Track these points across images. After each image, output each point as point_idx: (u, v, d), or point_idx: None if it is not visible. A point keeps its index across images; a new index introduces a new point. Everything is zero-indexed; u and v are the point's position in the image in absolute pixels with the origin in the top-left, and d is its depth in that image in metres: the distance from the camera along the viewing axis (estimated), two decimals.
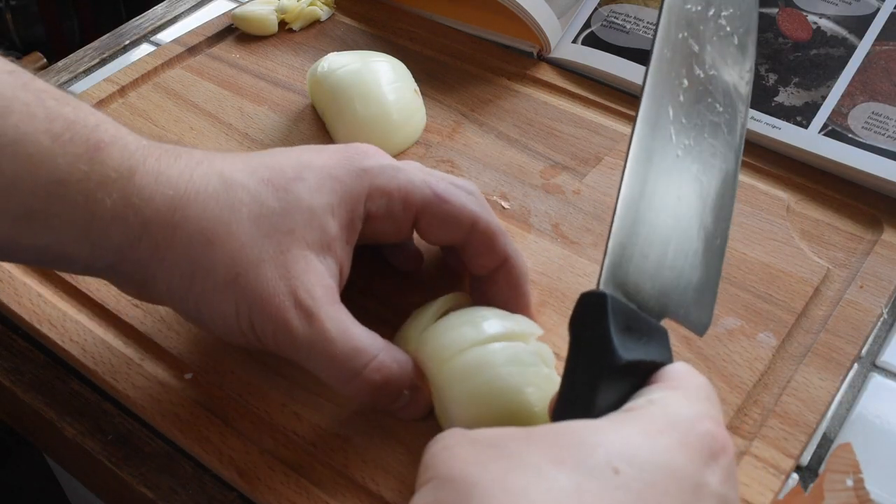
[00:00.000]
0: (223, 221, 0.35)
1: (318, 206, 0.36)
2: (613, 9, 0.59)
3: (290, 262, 0.35)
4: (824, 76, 0.53)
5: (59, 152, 0.33)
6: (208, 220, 0.35)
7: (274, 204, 0.35)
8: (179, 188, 0.35)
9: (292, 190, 0.36)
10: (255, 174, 0.36)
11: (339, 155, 0.38)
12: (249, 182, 0.36)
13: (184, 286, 0.35)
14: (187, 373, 0.40)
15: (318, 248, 0.36)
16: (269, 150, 0.39)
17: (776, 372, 0.40)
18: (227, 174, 0.36)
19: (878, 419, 0.40)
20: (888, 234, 0.47)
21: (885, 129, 0.50)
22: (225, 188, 0.35)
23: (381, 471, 0.36)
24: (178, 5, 0.67)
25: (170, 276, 0.35)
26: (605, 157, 0.52)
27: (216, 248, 0.35)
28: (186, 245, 0.35)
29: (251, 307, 0.34)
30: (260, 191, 0.36)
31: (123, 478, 0.38)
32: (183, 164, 0.36)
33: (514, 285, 0.40)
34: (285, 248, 0.35)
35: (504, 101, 0.56)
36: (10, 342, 0.43)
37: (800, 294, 0.44)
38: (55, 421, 0.40)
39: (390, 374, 0.35)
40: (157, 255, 0.35)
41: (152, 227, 0.35)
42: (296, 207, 0.36)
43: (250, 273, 0.34)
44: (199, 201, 0.35)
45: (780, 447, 0.37)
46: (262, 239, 0.35)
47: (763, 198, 0.49)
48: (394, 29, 0.63)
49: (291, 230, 0.35)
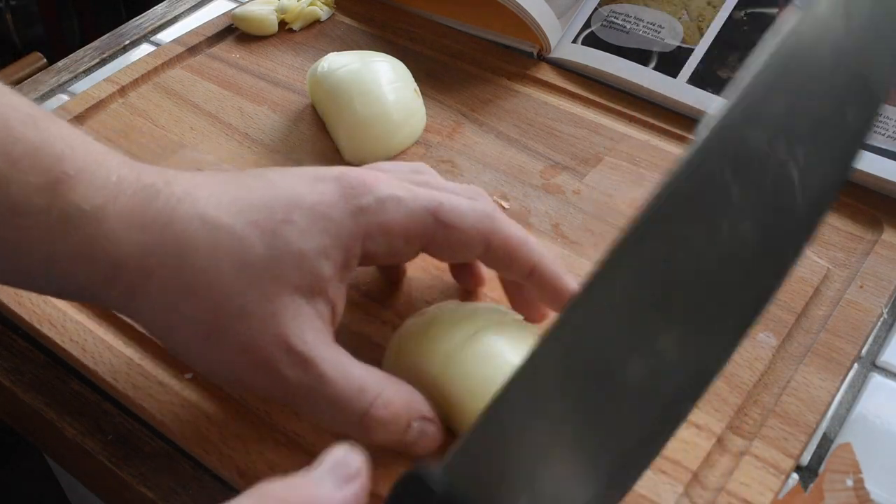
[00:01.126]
0: (204, 270, 0.32)
1: (309, 249, 0.33)
2: (613, 9, 0.59)
3: (278, 310, 0.33)
4: None
5: (14, 180, 0.31)
6: (188, 269, 0.32)
7: (261, 250, 0.33)
8: (154, 232, 0.32)
9: (281, 234, 0.33)
10: (242, 215, 0.33)
11: (335, 190, 0.35)
12: (235, 225, 0.33)
13: (165, 334, 0.34)
14: (187, 373, 0.40)
15: (307, 293, 0.33)
16: (259, 177, 0.36)
17: (776, 372, 0.40)
18: (211, 216, 0.33)
19: (878, 419, 0.40)
20: (888, 234, 0.47)
21: (885, 129, 0.50)
22: (207, 233, 0.33)
23: (382, 471, 0.36)
24: (178, 5, 0.67)
25: (150, 321, 0.34)
26: (605, 157, 0.52)
27: (198, 300, 0.32)
28: (164, 294, 0.33)
29: (238, 360, 0.33)
30: (246, 235, 0.33)
31: (123, 478, 0.38)
32: (161, 204, 0.33)
33: (550, 290, 0.38)
34: (272, 296, 0.33)
35: (504, 101, 0.56)
36: (10, 342, 0.43)
37: (800, 294, 0.44)
38: (55, 421, 0.40)
39: (398, 410, 0.34)
40: (133, 301, 0.33)
41: (124, 272, 0.32)
42: (284, 252, 0.33)
43: (235, 326, 0.32)
44: (178, 248, 0.32)
45: (780, 447, 0.37)
46: (247, 288, 0.32)
47: None
48: (394, 29, 0.63)
49: (279, 276, 0.33)
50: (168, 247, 0.32)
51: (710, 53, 0.56)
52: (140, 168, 0.34)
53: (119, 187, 0.33)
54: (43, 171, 0.31)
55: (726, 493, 0.35)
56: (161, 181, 0.34)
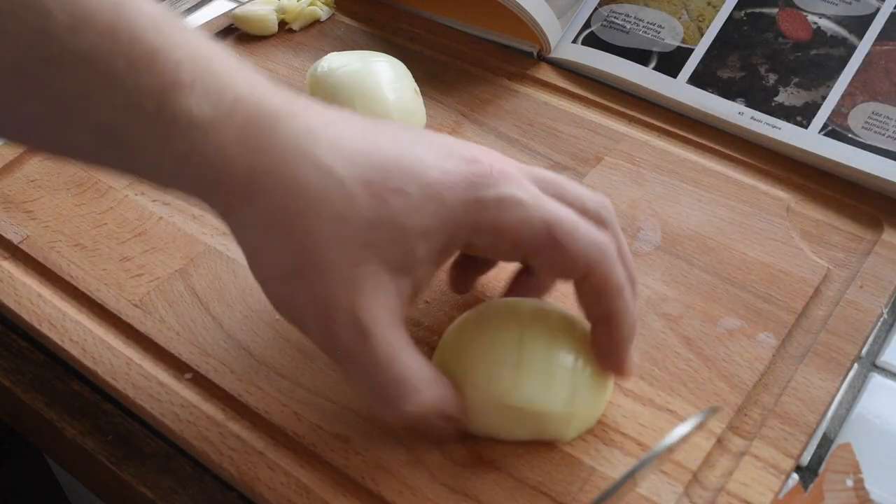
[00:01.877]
0: (304, 214, 0.32)
1: (413, 226, 0.33)
2: (613, 9, 0.59)
3: (359, 276, 0.32)
4: (824, 76, 0.53)
5: (130, 79, 0.30)
6: (290, 207, 0.32)
7: (364, 213, 0.32)
8: (266, 161, 0.32)
9: (390, 203, 0.32)
10: (358, 170, 0.33)
11: (457, 172, 0.34)
12: (347, 179, 0.32)
13: (250, 255, 0.34)
14: (187, 373, 0.40)
15: (396, 268, 0.33)
16: (393, 133, 0.35)
17: (776, 372, 0.40)
18: (326, 163, 0.32)
19: (878, 419, 0.40)
20: (888, 234, 0.47)
21: (885, 129, 0.50)
22: (317, 179, 0.32)
23: (381, 471, 0.36)
24: (178, 5, 0.67)
25: (240, 239, 0.34)
26: (605, 157, 0.52)
27: (289, 239, 0.32)
28: (260, 221, 0.33)
29: (305, 307, 0.33)
30: (354, 193, 0.32)
31: (123, 478, 0.38)
32: (280, 135, 0.32)
33: (610, 345, 0.36)
34: (360, 261, 0.32)
35: (504, 101, 0.56)
36: (10, 342, 0.43)
37: (800, 294, 0.44)
38: (55, 421, 0.40)
39: (426, 410, 0.34)
40: (231, 216, 0.33)
41: (228, 188, 0.32)
42: (387, 222, 0.32)
43: (314, 275, 0.32)
44: (286, 184, 0.32)
45: (780, 447, 0.37)
46: (340, 244, 0.32)
47: (763, 198, 0.49)
48: (394, 29, 0.63)
49: (373, 244, 0.33)
50: (276, 178, 0.32)
51: (710, 53, 0.56)
52: (267, 91, 0.33)
53: (235, 106, 0.32)
54: (157, 74, 0.31)
55: (726, 493, 0.35)
56: (285, 110, 0.33)
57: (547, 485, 0.36)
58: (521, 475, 0.36)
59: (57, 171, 0.50)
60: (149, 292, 0.44)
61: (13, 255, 0.46)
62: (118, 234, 0.47)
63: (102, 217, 0.48)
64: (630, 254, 0.37)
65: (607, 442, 0.37)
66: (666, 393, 0.39)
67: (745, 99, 0.53)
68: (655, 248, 0.46)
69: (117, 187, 0.49)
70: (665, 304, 0.43)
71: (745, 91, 0.54)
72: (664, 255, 0.46)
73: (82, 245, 0.46)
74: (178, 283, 0.44)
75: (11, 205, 0.48)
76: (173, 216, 0.48)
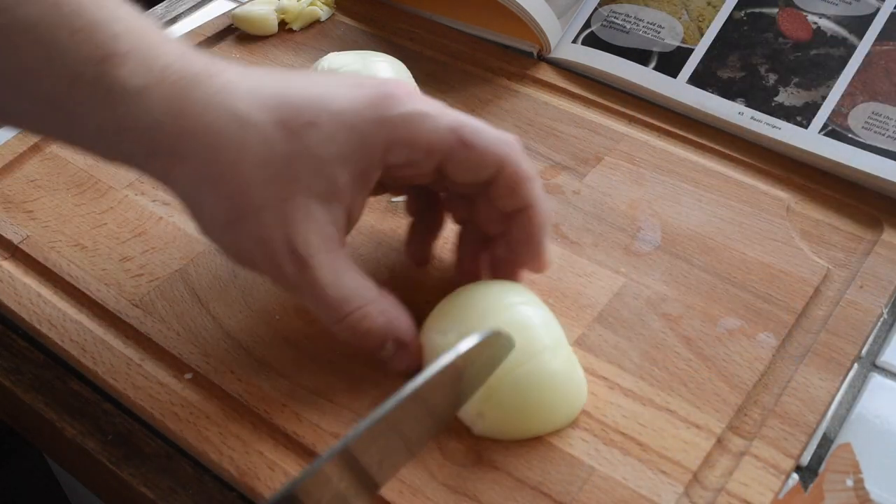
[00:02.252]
0: (230, 163, 0.35)
1: (329, 155, 0.35)
2: (613, 9, 0.59)
3: (289, 210, 0.35)
4: (824, 76, 0.53)
5: (71, 49, 0.33)
6: (216, 160, 0.35)
7: (283, 148, 0.35)
8: (189, 120, 0.34)
9: (304, 136, 0.35)
10: (273, 112, 0.35)
11: (363, 97, 0.36)
12: (263, 122, 0.35)
13: (194, 213, 0.36)
14: (187, 373, 0.40)
15: (323, 197, 0.35)
16: (304, 76, 0.38)
17: (776, 372, 0.40)
18: (242, 111, 0.35)
19: (878, 419, 0.40)
20: (888, 234, 0.47)
21: (885, 129, 0.50)
22: (237, 128, 0.35)
23: None
24: (178, 5, 0.67)
25: (182, 199, 0.36)
26: (605, 157, 0.52)
27: (223, 189, 0.35)
28: (194, 178, 0.35)
29: (252, 249, 0.35)
30: (270, 133, 0.35)
31: (123, 478, 0.38)
32: (200, 94, 0.35)
33: (528, 236, 0.39)
34: (287, 196, 0.35)
35: (504, 101, 0.56)
36: (10, 342, 0.43)
37: (800, 294, 0.44)
38: (55, 421, 0.40)
39: (373, 325, 0.37)
40: (169, 178, 0.35)
41: (161, 152, 0.35)
42: (304, 155, 0.35)
43: (250, 218, 0.35)
44: (208, 138, 0.34)
45: (780, 447, 0.37)
46: (266, 184, 0.35)
47: (763, 198, 0.49)
48: (394, 29, 0.63)
49: (296, 178, 0.35)
50: (199, 136, 0.34)
51: (710, 53, 0.56)
52: (192, 57, 0.36)
53: (164, 73, 0.34)
54: (97, 44, 0.33)
55: (726, 493, 0.35)
56: (206, 72, 0.35)
57: (547, 485, 0.36)
58: (520, 475, 0.36)
59: (57, 171, 0.50)
60: (149, 292, 0.44)
61: (13, 255, 0.46)
62: (118, 234, 0.47)
63: (102, 217, 0.48)
64: None
65: (607, 442, 0.37)
66: (666, 393, 0.39)
67: (745, 99, 0.53)
68: (655, 248, 0.46)
69: (117, 187, 0.49)
70: (665, 304, 0.43)
71: (745, 91, 0.54)
72: (664, 255, 0.46)
73: (82, 245, 0.46)
74: (178, 283, 0.44)
75: (11, 205, 0.48)
76: (173, 216, 0.48)
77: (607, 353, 0.41)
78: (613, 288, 0.44)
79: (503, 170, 0.38)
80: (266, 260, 0.35)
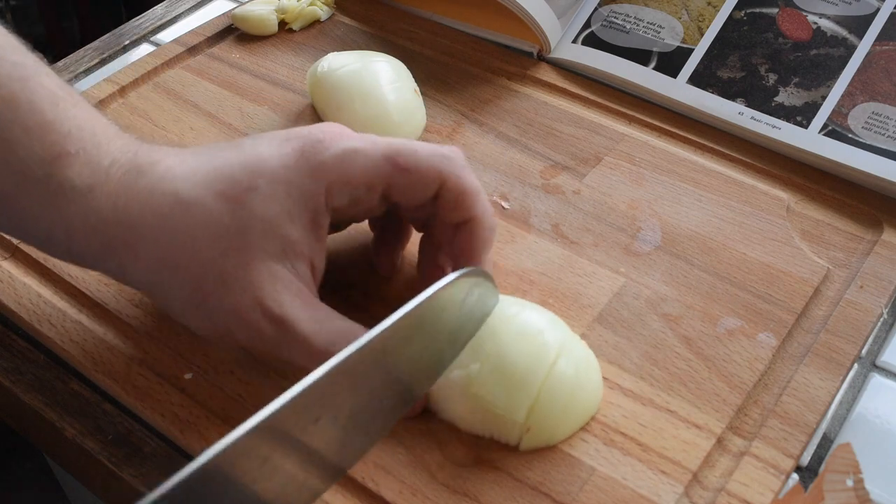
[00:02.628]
0: (182, 246, 0.35)
1: (274, 215, 0.35)
2: (613, 9, 0.59)
3: (252, 277, 0.35)
4: (824, 76, 0.53)
5: (23, 146, 0.34)
6: (168, 246, 0.35)
7: (229, 221, 0.35)
8: (135, 212, 0.35)
9: (246, 203, 0.35)
10: (211, 187, 0.35)
11: (293, 150, 0.37)
12: (205, 199, 0.35)
13: (160, 302, 0.36)
14: (187, 373, 0.40)
15: (279, 257, 0.36)
16: (233, 146, 0.38)
17: (776, 372, 0.40)
18: (185, 192, 0.35)
19: (878, 419, 0.40)
20: (888, 234, 0.47)
21: (885, 129, 0.50)
22: (182, 211, 0.35)
23: (381, 471, 0.36)
24: (178, 5, 0.67)
25: (146, 291, 0.37)
26: (605, 157, 0.52)
27: (182, 273, 0.35)
28: (151, 268, 0.35)
29: (226, 322, 0.35)
30: (214, 208, 0.35)
31: (123, 478, 0.38)
32: (143, 184, 0.35)
33: (472, 249, 0.39)
34: (246, 263, 0.35)
35: (504, 101, 0.56)
36: (10, 342, 0.43)
37: (800, 294, 0.44)
38: (55, 421, 0.40)
39: None
40: (126, 274, 0.36)
41: (114, 248, 0.35)
42: (251, 221, 0.35)
43: (217, 294, 0.35)
44: (157, 225, 0.35)
45: (780, 447, 0.37)
46: (223, 258, 0.35)
47: (763, 198, 0.49)
48: (394, 29, 0.63)
49: (250, 245, 0.35)
50: (148, 226, 0.35)
51: (710, 53, 0.56)
52: (138, 149, 0.36)
53: (110, 170, 0.35)
54: (48, 144, 0.34)
55: (726, 494, 0.35)
56: (148, 161, 0.36)
57: (547, 485, 0.36)
58: (521, 475, 0.36)
59: None
60: None
61: (13, 255, 0.46)
62: None
63: None
64: None
65: (607, 442, 0.37)
66: (666, 393, 0.39)
67: (745, 99, 0.53)
68: (655, 248, 0.46)
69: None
70: (665, 304, 0.43)
71: (745, 91, 0.54)
72: (664, 255, 0.46)
73: None
74: None
75: None
76: None
77: (607, 353, 0.41)
78: (613, 288, 0.44)
79: (445, 184, 0.38)
80: (244, 328, 0.35)
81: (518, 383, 0.36)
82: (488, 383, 0.36)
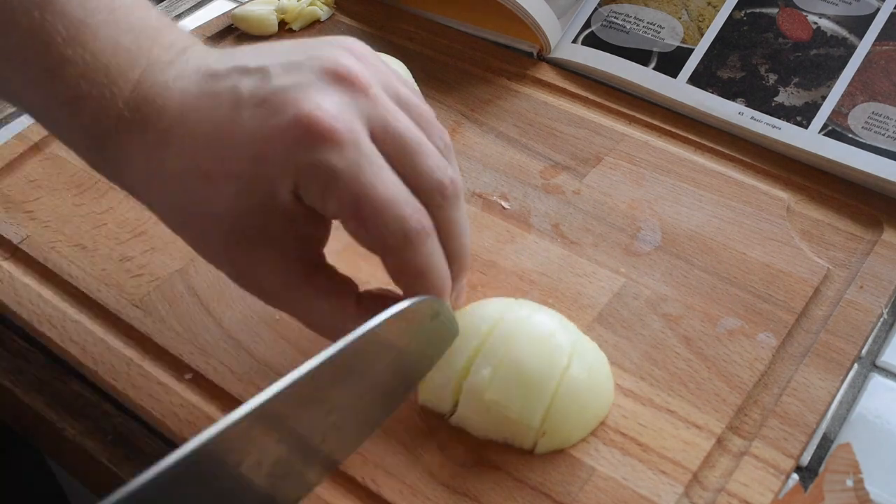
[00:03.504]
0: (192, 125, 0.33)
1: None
2: (613, 9, 0.59)
3: (250, 261, 0.34)
4: (824, 76, 0.53)
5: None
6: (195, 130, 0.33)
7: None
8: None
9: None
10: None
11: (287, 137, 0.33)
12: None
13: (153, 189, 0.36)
14: (187, 373, 0.40)
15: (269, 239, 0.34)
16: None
17: (776, 372, 0.40)
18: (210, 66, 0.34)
19: (878, 419, 0.40)
20: (888, 234, 0.47)
21: (885, 129, 0.50)
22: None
23: (381, 471, 0.36)
24: (178, 5, 0.67)
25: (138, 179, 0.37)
26: (605, 157, 0.52)
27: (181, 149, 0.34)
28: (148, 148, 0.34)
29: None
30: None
31: (123, 478, 0.38)
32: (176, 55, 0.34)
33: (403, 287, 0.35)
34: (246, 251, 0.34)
35: (504, 101, 0.56)
36: (10, 342, 0.43)
37: (800, 294, 0.44)
38: (55, 421, 0.40)
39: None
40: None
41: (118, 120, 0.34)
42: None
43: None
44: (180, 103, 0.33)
45: (780, 447, 0.37)
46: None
47: (763, 198, 0.49)
48: (394, 29, 0.63)
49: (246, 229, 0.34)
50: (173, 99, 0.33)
51: (710, 53, 0.56)
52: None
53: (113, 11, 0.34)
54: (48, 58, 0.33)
55: (726, 494, 0.35)
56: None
57: (547, 485, 0.36)
58: (521, 475, 0.36)
59: (57, 171, 0.50)
60: (149, 292, 0.44)
61: (13, 255, 0.46)
62: (118, 234, 0.47)
63: (102, 217, 0.48)
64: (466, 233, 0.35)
65: (607, 442, 0.37)
66: (666, 393, 0.39)
67: (745, 99, 0.53)
68: (655, 248, 0.46)
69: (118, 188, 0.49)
70: (665, 304, 0.43)
71: (745, 91, 0.54)
72: (664, 255, 0.46)
73: (82, 245, 0.46)
74: (178, 283, 0.44)
75: (11, 205, 0.48)
76: None
77: (607, 353, 0.41)
78: (613, 288, 0.44)
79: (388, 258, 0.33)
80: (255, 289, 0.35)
81: (532, 388, 0.36)
82: (502, 388, 0.36)
